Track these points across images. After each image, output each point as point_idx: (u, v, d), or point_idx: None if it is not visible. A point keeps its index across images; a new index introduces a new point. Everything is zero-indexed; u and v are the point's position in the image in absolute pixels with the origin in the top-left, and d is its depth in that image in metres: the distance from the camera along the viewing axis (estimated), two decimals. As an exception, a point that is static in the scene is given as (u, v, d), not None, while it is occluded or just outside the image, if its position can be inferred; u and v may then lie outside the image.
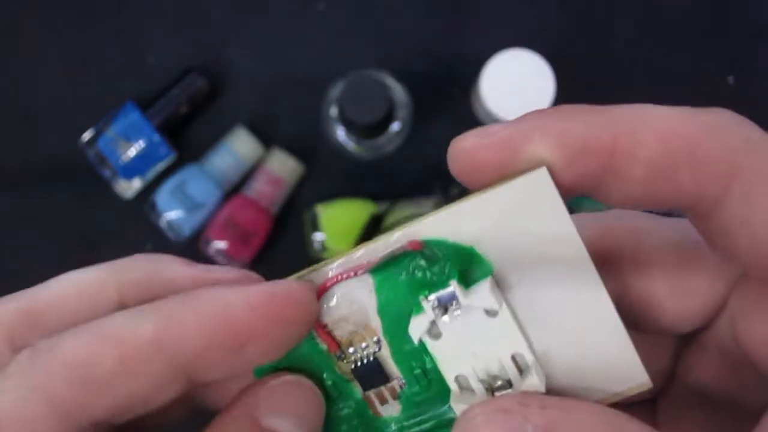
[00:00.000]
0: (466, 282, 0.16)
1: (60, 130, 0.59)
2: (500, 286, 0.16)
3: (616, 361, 0.16)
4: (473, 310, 0.16)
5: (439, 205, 0.57)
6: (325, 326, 0.17)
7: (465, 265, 0.17)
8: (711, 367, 0.19)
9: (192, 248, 0.58)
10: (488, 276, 0.16)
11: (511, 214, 0.16)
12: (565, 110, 0.16)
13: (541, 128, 0.16)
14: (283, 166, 0.57)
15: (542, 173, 0.16)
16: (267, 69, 0.60)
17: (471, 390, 0.17)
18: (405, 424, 0.17)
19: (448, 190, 0.58)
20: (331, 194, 0.59)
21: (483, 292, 0.16)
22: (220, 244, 0.56)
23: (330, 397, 0.17)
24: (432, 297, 0.16)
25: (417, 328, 0.17)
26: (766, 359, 0.17)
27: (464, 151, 0.17)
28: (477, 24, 0.60)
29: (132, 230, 0.59)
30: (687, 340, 0.20)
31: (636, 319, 0.19)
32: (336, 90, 0.55)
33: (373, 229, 0.55)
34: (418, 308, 0.17)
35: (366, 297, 0.17)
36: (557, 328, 0.16)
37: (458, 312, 0.16)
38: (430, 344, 0.17)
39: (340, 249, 0.56)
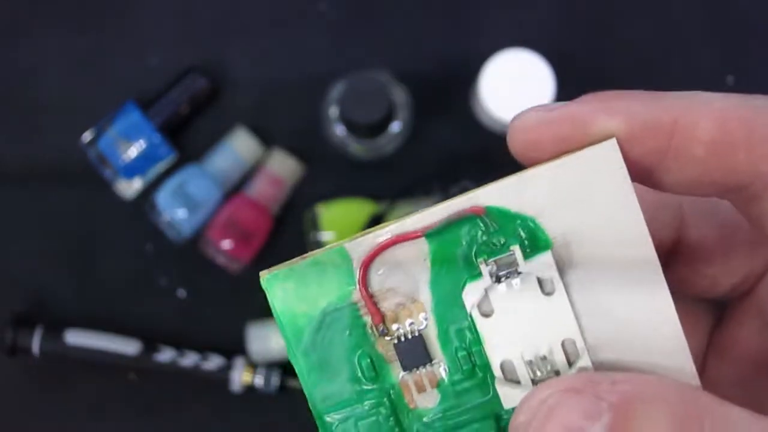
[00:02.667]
0: (527, 254, 0.16)
1: (60, 130, 0.59)
2: (558, 264, 0.16)
3: (669, 365, 0.16)
4: (530, 284, 0.16)
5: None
6: (372, 296, 0.16)
7: (527, 236, 0.16)
8: (752, 335, 0.19)
9: (192, 248, 0.58)
10: (548, 249, 0.16)
11: (576, 188, 0.16)
12: (625, 93, 0.17)
13: (605, 105, 0.16)
14: (283, 166, 0.58)
15: (611, 144, 0.16)
16: (267, 69, 0.60)
17: (516, 380, 0.16)
18: (439, 416, 0.16)
19: (448, 189, 0.58)
20: (331, 194, 0.59)
21: (543, 262, 0.16)
22: (221, 244, 0.56)
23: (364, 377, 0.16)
24: (491, 261, 0.16)
25: (472, 294, 0.16)
26: None
27: (528, 125, 0.16)
28: (477, 24, 0.60)
29: (132, 230, 0.59)
30: (726, 311, 0.20)
31: (683, 270, 0.19)
32: (336, 90, 0.55)
33: (373, 228, 0.55)
34: (475, 274, 0.16)
35: (419, 266, 0.16)
36: (611, 322, 0.16)
37: (516, 281, 0.16)
38: (480, 322, 0.16)
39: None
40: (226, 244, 0.56)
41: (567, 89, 0.56)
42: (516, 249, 0.16)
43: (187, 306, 0.59)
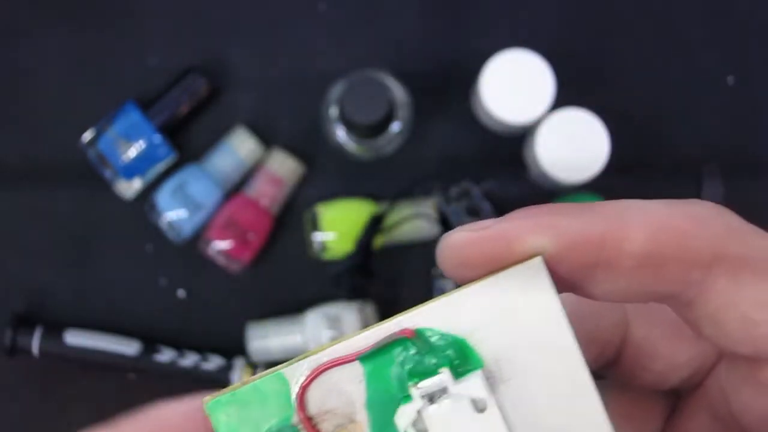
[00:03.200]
0: (457, 373, 0.16)
1: (60, 130, 0.59)
2: (490, 381, 0.16)
3: None
4: (461, 403, 0.16)
5: (438, 205, 0.57)
6: (311, 419, 0.17)
7: (457, 356, 0.16)
8: (702, 428, 0.19)
9: (192, 248, 0.58)
10: (479, 369, 0.16)
11: (505, 306, 0.16)
12: (554, 207, 0.17)
13: (534, 222, 0.17)
14: (283, 166, 0.57)
15: (537, 263, 0.16)
16: (267, 69, 0.60)
17: None
18: None
19: (448, 190, 0.58)
20: (331, 194, 0.59)
21: (473, 383, 0.16)
22: (221, 244, 0.56)
23: None
24: (421, 385, 0.16)
25: (404, 417, 0.16)
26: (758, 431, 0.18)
27: (457, 245, 0.17)
28: (477, 24, 0.60)
29: (132, 230, 0.59)
30: (679, 403, 0.20)
31: (630, 366, 0.19)
32: (336, 90, 0.55)
33: (373, 229, 0.55)
34: (407, 397, 0.16)
35: (355, 388, 0.17)
36: None
37: (447, 401, 0.16)
38: None
39: (340, 249, 0.56)
40: (226, 244, 0.56)
41: (567, 89, 0.56)
42: (446, 371, 0.16)
43: (186, 306, 0.59)
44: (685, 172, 0.59)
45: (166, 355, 0.56)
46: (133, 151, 0.56)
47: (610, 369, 0.20)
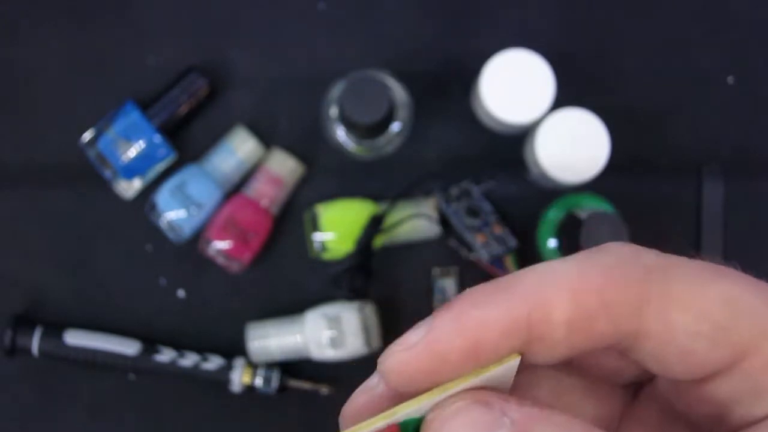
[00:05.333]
0: None
1: (60, 130, 0.59)
2: None
3: None
4: None
5: (438, 205, 0.57)
6: None
7: None
8: (653, 421, 0.20)
9: (192, 249, 0.58)
10: None
11: None
12: (473, 297, 0.17)
13: (458, 327, 0.17)
14: (283, 166, 0.57)
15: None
16: (267, 69, 0.60)
17: None
18: None
19: (448, 190, 0.58)
20: (331, 194, 0.59)
21: None
22: (221, 245, 0.56)
23: None
24: None
25: None
26: (699, 420, 0.19)
27: (394, 370, 0.17)
28: (477, 24, 0.60)
29: (132, 231, 0.59)
30: (635, 398, 0.21)
31: (590, 365, 0.20)
32: (336, 90, 0.55)
33: (373, 229, 0.55)
34: None
35: None
36: None
37: None
38: None
39: (340, 249, 0.56)
40: (226, 244, 0.56)
41: (567, 89, 0.56)
42: None
43: (186, 306, 0.59)
44: (685, 173, 0.59)
45: (165, 356, 0.56)
46: (132, 151, 0.56)
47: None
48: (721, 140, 0.60)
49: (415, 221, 0.56)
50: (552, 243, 0.55)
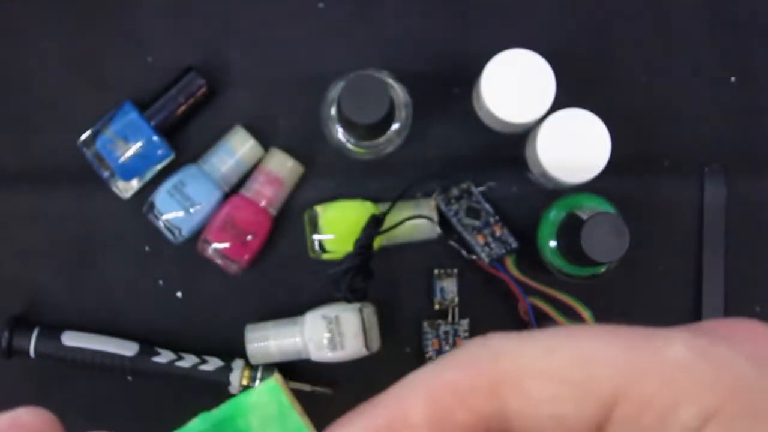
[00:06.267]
0: None
1: (58, 130, 0.59)
2: None
3: None
4: None
5: (438, 205, 0.57)
6: None
7: None
8: None
9: (191, 249, 0.58)
10: None
11: None
12: (341, 422, 0.19)
13: None
14: (282, 166, 0.57)
15: None
16: (266, 69, 0.59)
17: None
18: None
19: (448, 190, 0.58)
20: (331, 194, 0.58)
21: None
22: (219, 245, 0.56)
23: None
24: None
25: None
26: None
27: None
28: (477, 24, 0.60)
29: (130, 231, 0.59)
30: None
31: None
32: (336, 90, 0.55)
33: (373, 229, 0.55)
34: None
35: None
36: None
37: None
38: None
39: (339, 250, 0.56)
40: (225, 245, 0.56)
41: (568, 89, 0.55)
42: None
43: (185, 307, 0.59)
44: (687, 173, 0.59)
45: (164, 357, 0.55)
46: (131, 152, 0.56)
47: None
48: (723, 140, 0.60)
49: (415, 222, 0.56)
50: (552, 244, 0.55)
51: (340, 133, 0.55)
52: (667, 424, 0.17)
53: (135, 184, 0.58)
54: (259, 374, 0.56)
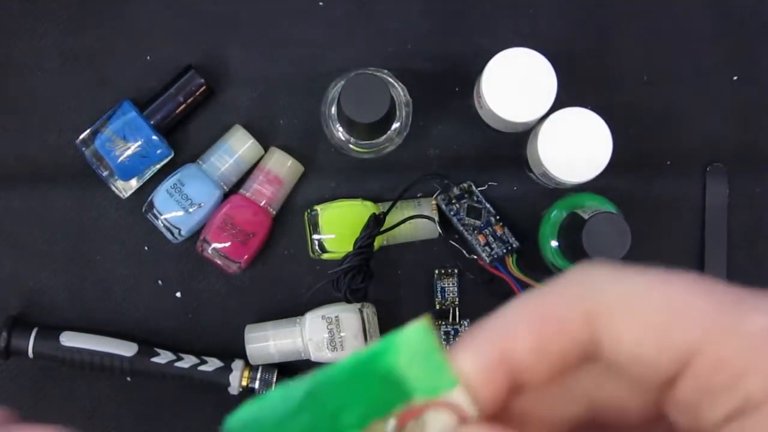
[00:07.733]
0: None
1: (56, 129, 0.59)
2: None
3: None
4: None
5: (439, 205, 0.56)
6: None
7: None
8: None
9: (190, 249, 0.57)
10: None
11: None
12: (461, 344, 0.21)
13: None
14: (282, 166, 0.57)
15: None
16: (266, 68, 0.59)
17: None
18: None
19: (449, 189, 0.58)
20: (331, 194, 0.58)
21: None
22: (219, 245, 0.55)
23: None
24: None
25: None
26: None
27: None
28: (478, 23, 0.60)
29: (129, 231, 0.58)
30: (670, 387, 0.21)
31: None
32: (336, 89, 0.54)
33: (373, 229, 0.54)
34: None
35: None
36: None
37: None
38: None
39: (339, 250, 0.56)
40: (224, 245, 0.55)
41: (570, 88, 0.55)
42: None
43: (184, 307, 0.59)
44: (689, 172, 0.59)
45: (163, 358, 0.55)
46: (130, 151, 0.55)
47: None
48: (725, 139, 0.59)
49: (415, 222, 0.56)
50: (554, 243, 0.55)
51: (340, 133, 0.55)
52: (734, 389, 0.17)
53: (134, 183, 0.58)
54: (258, 375, 0.56)
